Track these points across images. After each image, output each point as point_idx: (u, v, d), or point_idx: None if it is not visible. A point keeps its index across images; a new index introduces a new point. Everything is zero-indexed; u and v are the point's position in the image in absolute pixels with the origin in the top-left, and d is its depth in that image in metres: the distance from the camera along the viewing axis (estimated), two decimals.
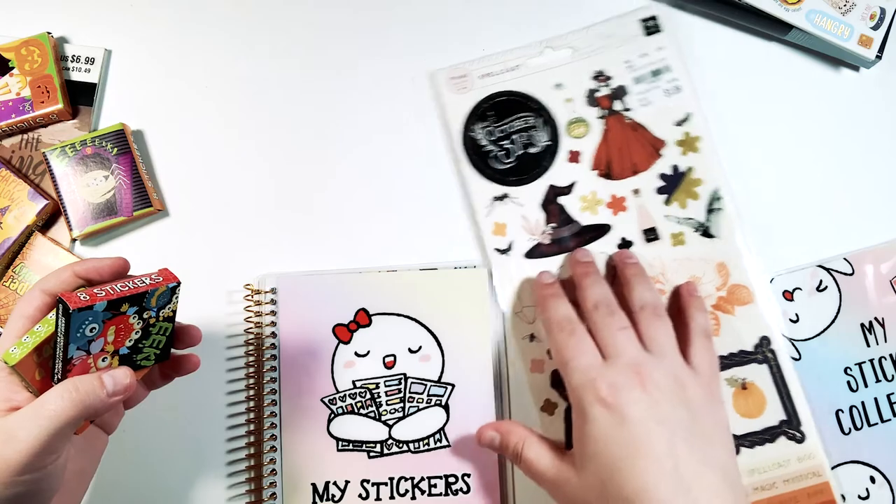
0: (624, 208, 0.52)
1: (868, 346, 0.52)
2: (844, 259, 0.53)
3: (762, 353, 0.50)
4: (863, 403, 0.51)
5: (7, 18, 0.56)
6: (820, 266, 0.53)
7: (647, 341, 0.44)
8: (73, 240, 0.53)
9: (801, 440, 0.49)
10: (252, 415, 0.51)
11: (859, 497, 0.50)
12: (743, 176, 0.54)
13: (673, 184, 0.52)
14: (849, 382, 0.51)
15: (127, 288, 0.39)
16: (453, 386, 0.51)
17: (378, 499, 0.50)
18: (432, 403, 0.51)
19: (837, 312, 0.52)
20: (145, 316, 0.40)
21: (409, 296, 0.52)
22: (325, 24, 0.57)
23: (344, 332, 0.51)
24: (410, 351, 0.51)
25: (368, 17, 0.57)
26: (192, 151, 0.55)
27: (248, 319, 0.52)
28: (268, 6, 0.57)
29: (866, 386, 0.51)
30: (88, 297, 0.37)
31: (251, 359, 0.51)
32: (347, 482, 0.50)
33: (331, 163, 0.55)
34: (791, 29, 0.54)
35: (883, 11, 0.54)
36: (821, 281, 0.52)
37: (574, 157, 0.53)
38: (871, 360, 0.52)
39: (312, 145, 0.55)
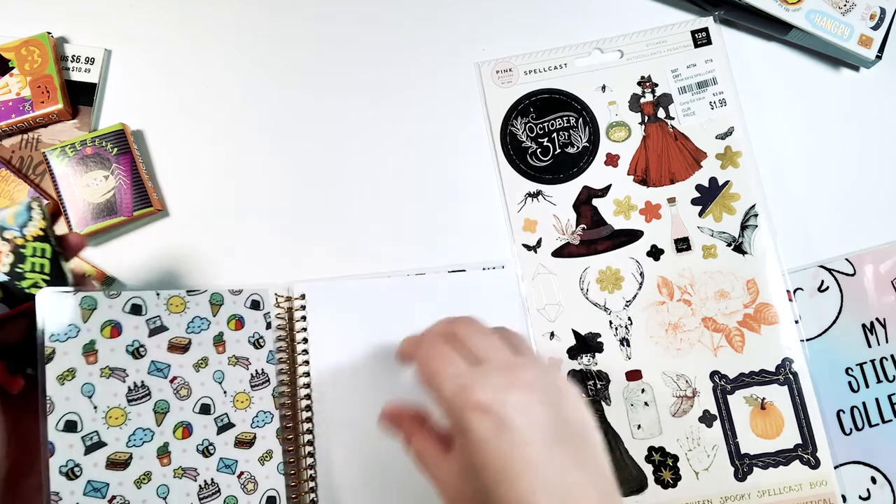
0: (658, 216, 0.53)
1: (869, 346, 0.52)
2: (846, 259, 0.53)
3: (784, 374, 0.50)
4: (864, 404, 0.51)
5: (7, 18, 0.56)
6: (821, 266, 0.53)
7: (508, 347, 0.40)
8: None
9: (815, 466, 0.49)
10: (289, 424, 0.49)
11: (860, 497, 0.50)
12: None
13: (709, 196, 0.53)
14: (850, 383, 0.51)
15: None
16: None
17: None
18: None
19: (839, 313, 0.52)
20: (7, 236, 0.39)
21: (438, 299, 0.51)
22: (322, 31, 0.57)
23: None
24: None
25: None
26: (192, 151, 0.55)
27: (280, 327, 0.50)
28: (268, 6, 0.57)
29: (867, 386, 0.51)
30: None
31: (283, 366, 0.50)
32: None
33: (334, 160, 0.55)
34: (791, 29, 0.54)
35: (883, 11, 0.54)
36: (822, 281, 0.52)
37: (612, 160, 0.53)
38: (872, 361, 0.51)
39: (316, 143, 0.55)
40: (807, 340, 0.52)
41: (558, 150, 0.54)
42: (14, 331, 0.40)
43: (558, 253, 0.53)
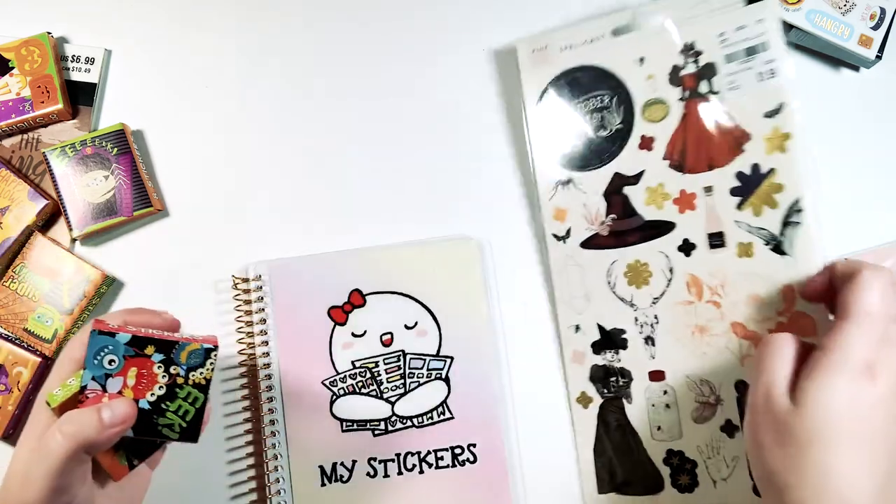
0: (693, 206, 0.48)
1: None
2: (846, 259, 0.52)
3: None
4: None
5: (7, 18, 0.56)
6: None
7: None
8: (73, 240, 0.53)
9: None
10: (249, 402, 0.51)
11: None
12: None
13: (750, 186, 0.47)
14: None
15: (157, 334, 0.38)
16: (452, 359, 0.51)
17: (386, 475, 0.50)
18: (433, 377, 0.51)
19: None
20: (172, 371, 0.38)
21: (401, 272, 0.52)
22: (322, 30, 0.57)
23: (339, 314, 0.52)
24: (406, 327, 0.51)
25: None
26: (192, 151, 0.55)
27: (238, 308, 0.52)
28: (267, 6, 0.57)
29: None
30: (116, 326, 0.37)
31: (245, 348, 0.51)
32: (354, 461, 0.50)
33: (337, 160, 0.55)
34: (791, 29, 0.54)
35: (883, 11, 0.54)
36: None
37: (646, 143, 0.49)
38: None
39: (318, 142, 0.55)
40: None
41: (591, 135, 0.51)
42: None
43: (587, 244, 0.51)
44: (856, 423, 0.35)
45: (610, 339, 0.51)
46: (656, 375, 0.50)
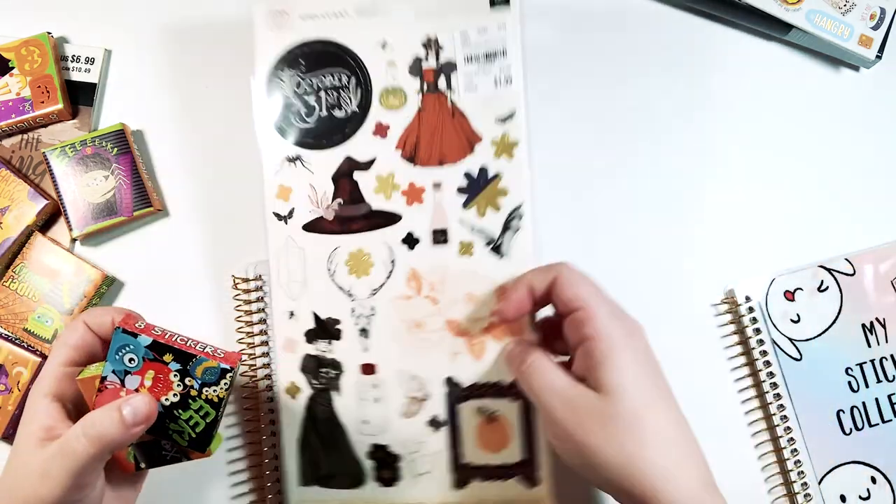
0: (420, 200, 0.48)
1: (869, 346, 0.52)
2: (845, 259, 0.53)
3: (517, 390, 0.47)
4: (864, 404, 0.51)
5: (7, 18, 0.56)
6: (821, 266, 0.53)
7: None
8: (73, 240, 0.53)
9: (533, 484, 0.47)
10: (248, 402, 0.51)
11: (860, 497, 0.50)
12: (735, 179, 0.54)
13: (477, 186, 0.47)
14: (850, 383, 0.51)
15: (181, 342, 0.38)
16: None
17: None
18: None
19: (838, 313, 0.52)
20: (187, 382, 0.39)
21: None
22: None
23: None
24: None
25: None
26: (192, 151, 0.55)
27: (238, 308, 0.52)
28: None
29: (867, 386, 0.51)
30: (142, 327, 0.38)
31: (245, 348, 0.52)
32: None
33: None
34: (791, 29, 0.54)
35: (883, 11, 0.54)
36: (822, 281, 0.52)
37: (381, 130, 0.48)
38: (872, 361, 0.52)
39: None
40: (807, 340, 0.52)
41: (324, 113, 0.48)
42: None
43: (310, 227, 0.49)
44: (648, 377, 0.40)
45: (324, 329, 0.48)
46: (368, 369, 0.48)
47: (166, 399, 0.39)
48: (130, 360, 0.38)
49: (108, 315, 0.40)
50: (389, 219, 0.48)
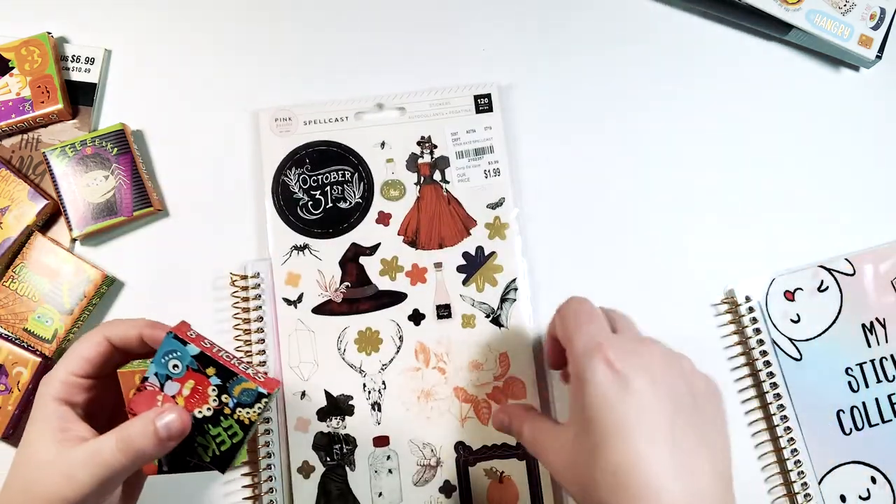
0: (424, 280, 0.52)
1: (869, 346, 0.52)
2: (846, 259, 0.53)
3: (523, 449, 0.50)
4: (864, 404, 0.51)
5: (7, 18, 0.56)
6: (821, 266, 0.53)
7: None
8: (73, 240, 0.53)
9: None
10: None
11: (860, 497, 0.50)
12: (732, 182, 0.53)
13: (475, 265, 0.52)
14: (850, 383, 0.51)
15: (226, 358, 0.39)
16: None
17: None
18: None
19: (838, 313, 0.52)
20: (223, 398, 0.39)
21: None
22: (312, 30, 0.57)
23: None
24: None
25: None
26: (192, 151, 0.55)
27: (235, 305, 0.52)
28: (266, 6, 0.57)
29: (867, 386, 0.51)
30: (193, 336, 0.39)
31: (241, 345, 0.52)
32: None
33: None
34: (791, 29, 0.54)
35: (883, 11, 0.54)
36: (822, 281, 0.52)
37: (384, 218, 0.53)
38: (872, 361, 0.52)
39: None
40: (807, 340, 0.52)
41: (330, 205, 0.53)
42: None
43: (319, 310, 0.52)
44: (642, 420, 0.35)
45: (336, 406, 0.51)
46: (381, 441, 0.50)
47: (199, 412, 0.39)
48: (175, 366, 0.38)
49: (134, 329, 0.40)
50: (396, 298, 0.52)
